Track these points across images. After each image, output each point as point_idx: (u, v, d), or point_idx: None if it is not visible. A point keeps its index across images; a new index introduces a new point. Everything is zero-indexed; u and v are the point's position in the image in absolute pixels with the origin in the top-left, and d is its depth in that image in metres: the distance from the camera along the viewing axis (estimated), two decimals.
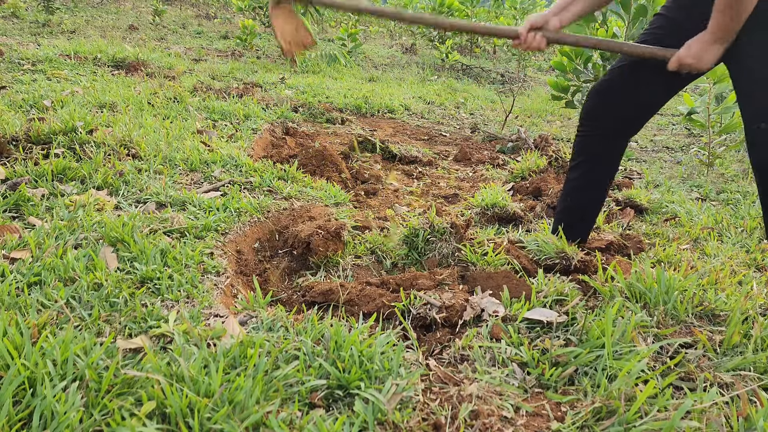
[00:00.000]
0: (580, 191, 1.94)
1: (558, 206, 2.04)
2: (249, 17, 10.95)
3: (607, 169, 1.90)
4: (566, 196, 1.98)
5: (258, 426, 1.00)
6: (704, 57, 1.53)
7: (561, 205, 2.01)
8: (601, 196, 1.95)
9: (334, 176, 2.95)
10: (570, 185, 1.96)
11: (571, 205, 1.97)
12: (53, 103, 3.38)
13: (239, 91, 4.83)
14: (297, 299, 1.67)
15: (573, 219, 1.98)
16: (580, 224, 1.98)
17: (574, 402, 1.16)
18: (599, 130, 1.84)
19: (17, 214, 1.86)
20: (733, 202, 3.00)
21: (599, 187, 1.93)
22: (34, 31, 7.35)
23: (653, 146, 4.82)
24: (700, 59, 1.54)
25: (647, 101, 1.77)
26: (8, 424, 0.94)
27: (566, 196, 1.98)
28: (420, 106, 5.68)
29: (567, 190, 1.98)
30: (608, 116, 1.81)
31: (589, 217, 1.99)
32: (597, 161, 1.89)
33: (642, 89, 1.74)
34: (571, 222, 1.97)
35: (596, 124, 1.84)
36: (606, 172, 1.91)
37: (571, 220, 1.97)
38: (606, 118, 1.82)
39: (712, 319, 1.48)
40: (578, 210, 1.97)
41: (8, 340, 1.10)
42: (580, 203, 1.96)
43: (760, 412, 1.10)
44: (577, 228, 1.97)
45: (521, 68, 9.89)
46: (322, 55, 7.88)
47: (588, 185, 1.93)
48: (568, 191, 1.97)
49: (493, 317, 1.45)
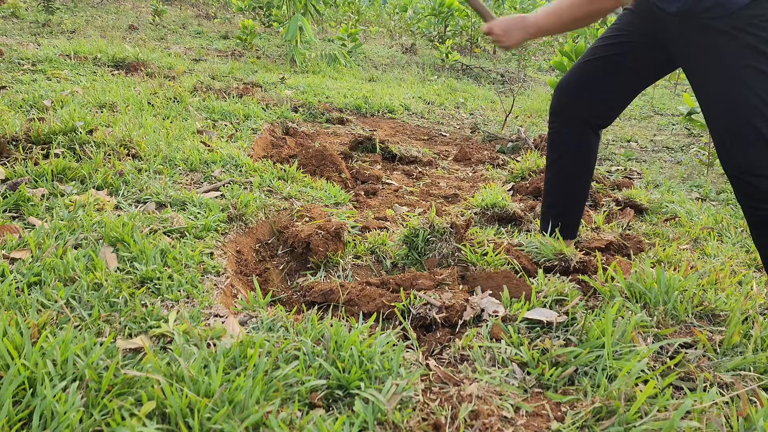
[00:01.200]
0: (558, 188, 1.95)
1: (541, 207, 2.06)
2: (249, 17, 10.96)
3: (582, 164, 1.90)
4: (547, 195, 1.99)
5: (258, 426, 1.00)
6: (511, 36, 1.67)
7: (544, 206, 2.03)
8: (582, 192, 1.95)
9: (334, 176, 2.95)
10: (549, 184, 1.97)
11: (552, 203, 1.98)
12: (53, 103, 3.38)
13: (239, 91, 4.83)
14: (297, 299, 1.67)
15: (557, 218, 1.98)
16: (565, 222, 1.98)
17: (574, 402, 1.16)
18: (568, 126, 1.85)
19: (17, 214, 1.86)
20: (733, 202, 3.00)
21: (577, 183, 1.93)
22: (34, 31, 7.35)
23: (653, 146, 4.82)
24: (507, 36, 1.68)
25: (615, 95, 1.77)
26: (8, 424, 0.94)
27: (547, 195, 1.99)
28: (420, 106, 5.68)
29: (547, 188, 1.99)
30: (576, 111, 1.82)
31: (572, 214, 1.99)
32: (570, 157, 1.89)
33: (609, 83, 1.74)
34: (555, 221, 1.98)
35: (565, 120, 1.85)
36: (581, 166, 1.91)
37: (555, 219, 1.98)
38: (574, 113, 1.83)
39: (712, 319, 1.48)
40: (559, 208, 1.98)
41: (8, 340, 1.10)
42: (561, 201, 1.97)
43: (760, 412, 1.10)
44: (562, 226, 1.98)
45: (521, 68, 9.89)
46: (322, 55, 7.88)
47: (566, 181, 1.93)
48: (548, 190, 1.98)
49: (493, 317, 1.45)
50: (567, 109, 1.84)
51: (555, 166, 1.93)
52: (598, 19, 1.60)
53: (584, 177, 1.93)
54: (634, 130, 5.59)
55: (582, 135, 1.85)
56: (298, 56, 7.34)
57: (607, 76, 1.73)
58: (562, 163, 1.90)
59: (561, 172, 1.92)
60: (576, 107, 1.82)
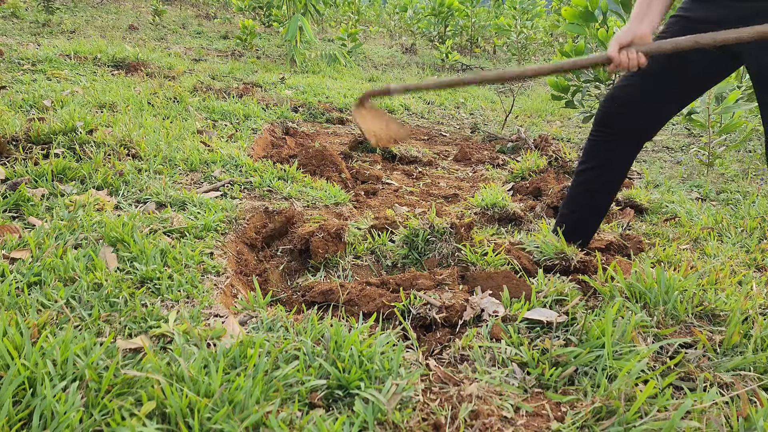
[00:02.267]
0: (585, 196, 1.92)
1: (561, 208, 2.02)
2: (249, 17, 10.95)
3: (616, 176, 1.87)
4: (571, 200, 1.96)
5: (258, 426, 1.00)
6: None
7: (565, 208, 1.99)
8: (607, 202, 1.92)
9: (334, 176, 2.95)
10: (576, 189, 1.93)
11: (575, 208, 1.95)
12: (53, 103, 3.38)
13: (239, 91, 4.83)
14: (297, 299, 1.67)
15: (576, 223, 1.95)
16: (583, 228, 1.96)
17: (574, 402, 1.16)
18: (612, 137, 1.81)
19: (17, 214, 1.86)
20: (733, 202, 3.00)
21: (606, 193, 1.90)
22: (34, 31, 7.35)
23: (653, 146, 4.82)
24: None
25: (663, 109, 1.75)
26: (8, 424, 0.94)
27: (571, 200, 1.96)
28: (420, 106, 5.68)
29: (573, 193, 1.95)
30: (623, 123, 1.78)
31: (592, 222, 1.96)
32: (606, 167, 1.85)
33: (659, 97, 1.71)
34: (574, 226, 1.95)
35: (610, 131, 1.81)
36: (614, 178, 1.87)
37: (574, 224, 1.95)
38: (621, 125, 1.78)
39: (712, 319, 1.48)
40: (582, 214, 1.95)
41: (8, 340, 1.09)
42: (585, 208, 1.94)
43: (760, 412, 1.10)
44: (579, 232, 1.95)
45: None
46: (322, 55, 7.88)
47: (595, 190, 1.90)
48: (573, 195, 1.95)
49: (493, 317, 1.45)
50: (619, 120, 1.78)
51: (590, 174, 1.88)
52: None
53: (616, 187, 1.90)
54: None
55: (628, 148, 1.82)
56: (298, 56, 7.34)
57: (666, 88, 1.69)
58: (599, 172, 1.86)
59: (595, 181, 1.88)
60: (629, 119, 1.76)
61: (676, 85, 1.70)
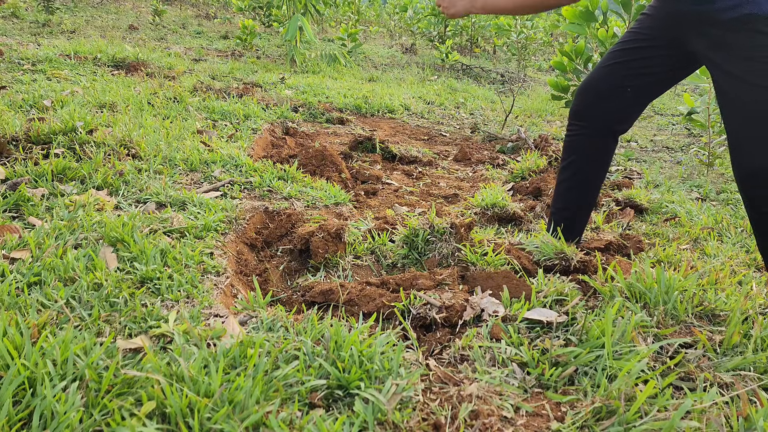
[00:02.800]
0: (571, 191, 1.96)
1: (551, 207, 2.06)
2: (249, 17, 10.95)
3: (598, 168, 1.91)
4: (558, 197, 2.00)
5: (258, 426, 1.00)
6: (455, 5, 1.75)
7: (553, 206, 2.03)
8: (593, 195, 1.96)
9: (334, 176, 2.95)
10: (562, 186, 1.98)
11: (563, 206, 1.99)
12: (53, 103, 3.38)
13: (239, 91, 4.83)
14: (297, 299, 1.67)
15: (567, 219, 1.99)
16: (574, 224, 2.00)
17: (574, 402, 1.16)
18: (588, 130, 1.85)
19: (17, 214, 1.86)
20: (733, 202, 3.00)
21: (591, 187, 1.94)
22: (34, 31, 7.35)
23: (653, 146, 4.82)
24: (452, 4, 1.76)
25: (635, 99, 1.78)
26: (8, 424, 0.94)
27: (558, 197, 2.00)
28: (420, 106, 5.68)
29: (559, 190, 1.99)
30: (596, 115, 1.82)
31: (582, 217, 2.00)
32: (587, 160, 1.90)
33: (629, 87, 1.75)
34: (565, 222, 1.99)
35: (584, 124, 1.85)
36: (597, 171, 1.92)
37: (565, 221, 1.99)
38: (594, 117, 1.83)
39: (712, 319, 1.48)
40: (571, 210, 1.99)
41: (8, 340, 1.10)
42: (573, 203, 1.98)
43: (760, 412, 1.10)
44: (571, 228, 1.99)
45: (521, 68, 9.89)
46: (322, 55, 7.88)
47: (579, 185, 1.94)
48: (560, 192, 1.99)
49: (493, 317, 1.45)
50: (589, 112, 1.83)
51: (571, 169, 1.92)
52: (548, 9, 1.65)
53: (599, 182, 1.94)
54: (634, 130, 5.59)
55: (602, 140, 1.86)
56: (298, 56, 7.34)
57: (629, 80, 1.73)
58: (579, 166, 1.90)
59: (577, 176, 1.92)
60: (598, 111, 1.81)
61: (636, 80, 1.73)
